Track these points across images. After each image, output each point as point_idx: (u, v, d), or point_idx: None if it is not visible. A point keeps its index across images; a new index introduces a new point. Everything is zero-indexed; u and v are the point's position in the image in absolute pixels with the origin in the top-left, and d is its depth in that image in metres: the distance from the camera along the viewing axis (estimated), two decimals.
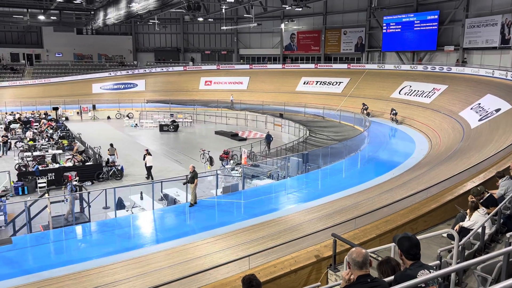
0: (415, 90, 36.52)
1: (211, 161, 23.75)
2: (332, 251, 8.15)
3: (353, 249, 3.90)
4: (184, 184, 15.00)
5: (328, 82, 45.07)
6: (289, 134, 35.11)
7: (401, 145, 25.13)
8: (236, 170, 21.01)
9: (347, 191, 15.45)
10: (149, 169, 22.60)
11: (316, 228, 10.42)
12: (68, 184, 15.02)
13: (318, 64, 49.41)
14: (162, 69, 54.23)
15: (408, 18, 42.38)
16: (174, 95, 48.69)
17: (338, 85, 44.07)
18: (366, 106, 35.42)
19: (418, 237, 4.49)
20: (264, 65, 53.21)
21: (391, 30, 44.00)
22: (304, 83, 46.69)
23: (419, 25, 41.56)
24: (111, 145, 23.59)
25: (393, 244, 6.80)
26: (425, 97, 34.76)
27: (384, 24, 44.41)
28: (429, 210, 10.25)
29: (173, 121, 38.31)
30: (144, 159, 22.50)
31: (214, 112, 42.58)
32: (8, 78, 50.30)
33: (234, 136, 33.35)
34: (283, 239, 9.85)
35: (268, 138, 28.55)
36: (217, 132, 35.93)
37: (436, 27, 40.18)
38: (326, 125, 33.24)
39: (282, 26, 53.36)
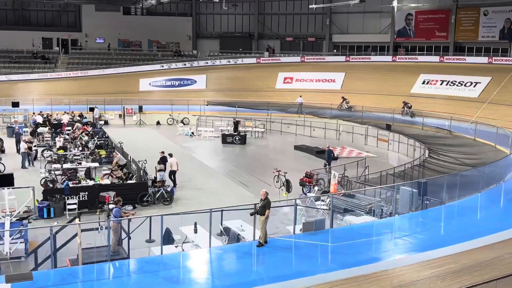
0: None
1: (287, 186, 23.75)
2: None
3: None
4: (251, 215, 15.11)
5: (459, 82, 43.48)
6: (399, 154, 34.31)
7: None
8: (323, 200, 20.71)
9: (483, 239, 14.75)
10: (173, 174, 23.86)
11: None
12: (113, 207, 15.77)
13: (445, 57, 47.82)
14: (229, 62, 55.84)
15: None
16: (242, 96, 49.78)
17: (474, 86, 42.27)
18: (347, 100, 42.33)
19: None
20: (367, 56, 52.61)
21: None
22: (423, 83, 45.42)
23: None
24: (159, 162, 24.53)
25: None
26: None
27: None
28: None
29: (235, 124, 38.94)
30: (162, 162, 23.85)
31: (295, 119, 42.79)
32: (38, 70, 54.68)
33: (320, 153, 33.16)
34: None
35: (329, 155, 28.46)
36: (297, 147, 35.97)
37: None
38: (454, 142, 32.02)
39: (395, 4, 52.51)
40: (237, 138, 38.03)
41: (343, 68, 51.12)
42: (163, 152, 25.93)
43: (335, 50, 58.58)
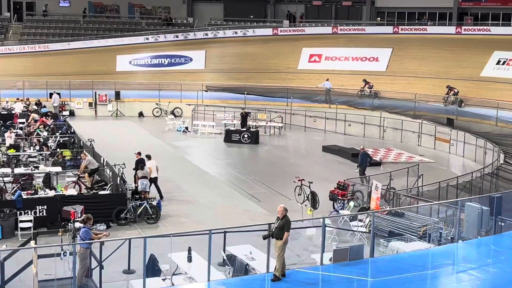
0: None
1: (313, 200, 23.66)
2: None
3: None
4: (264, 239, 15.07)
5: None
6: (464, 158, 34.25)
7: None
8: (360, 220, 20.61)
9: None
10: (154, 182, 24.05)
11: None
12: (81, 226, 15.76)
13: None
14: (236, 33, 55.78)
15: None
16: (253, 79, 49.72)
17: None
18: (370, 84, 42.93)
19: None
20: (422, 27, 52.20)
21: None
22: (497, 63, 45.07)
23: None
24: (142, 166, 24.56)
25: None
26: None
27: None
28: None
29: (244, 117, 38.85)
30: (139, 168, 23.70)
31: (324, 111, 42.72)
32: None
33: (357, 156, 33.04)
34: None
35: (363, 159, 28.28)
36: (326, 149, 35.93)
37: None
38: None
39: None
40: (245, 136, 37.98)
41: (390, 42, 50.88)
42: (139, 153, 25.85)
43: (379, 19, 58.36)
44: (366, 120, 40.64)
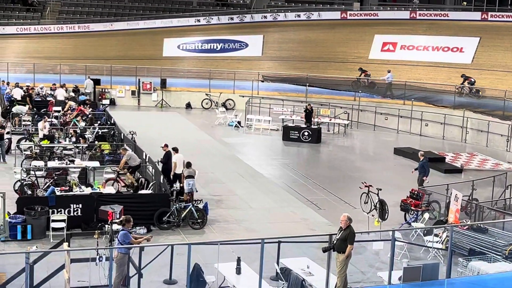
0: None
1: (382, 210, 23.48)
2: None
3: None
4: (324, 251, 15.06)
5: None
6: None
7: None
8: (436, 235, 20.39)
9: None
10: (178, 179, 23.95)
11: None
12: (119, 228, 15.93)
13: None
14: (299, 16, 55.79)
15: None
16: (317, 69, 49.75)
17: None
18: (367, 72, 43.51)
19: None
20: None
21: None
22: None
23: None
24: (188, 164, 24.76)
25: None
26: None
27: None
28: None
29: (308, 113, 38.44)
30: (166, 161, 24.02)
31: (397, 107, 42.41)
32: (18, 20, 55.88)
33: (435, 161, 32.77)
34: None
35: (424, 168, 27.49)
36: (399, 151, 35.68)
37: None
38: None
39: None
40: (306, 134, 37.87)
41: (477, 30, 50.25)
42: (166, 146, 25.78)
43: (465, 3, 57.66)
44: (446, 119, 40.16)
